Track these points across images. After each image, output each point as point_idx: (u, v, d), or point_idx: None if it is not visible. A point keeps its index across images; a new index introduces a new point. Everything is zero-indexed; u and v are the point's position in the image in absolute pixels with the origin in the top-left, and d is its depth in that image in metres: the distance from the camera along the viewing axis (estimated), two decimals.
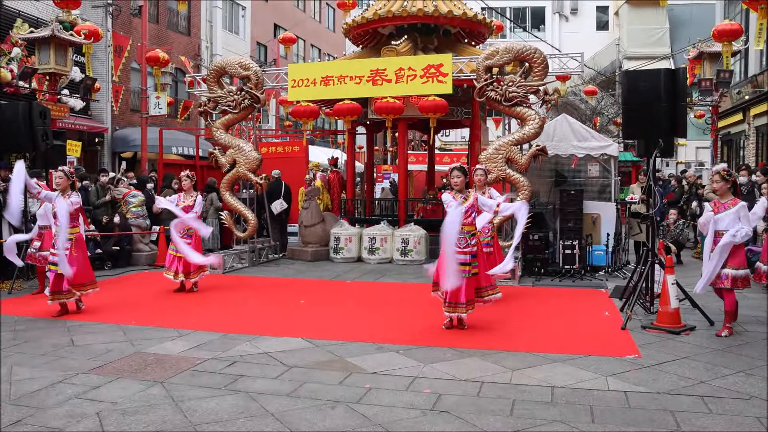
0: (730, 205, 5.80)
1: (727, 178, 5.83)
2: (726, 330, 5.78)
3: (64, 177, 6.82)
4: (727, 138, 19.86)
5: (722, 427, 3.73)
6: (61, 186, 6.80)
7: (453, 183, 6.03)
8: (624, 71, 7.75)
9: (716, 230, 5.80)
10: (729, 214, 5.74)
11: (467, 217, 5.93)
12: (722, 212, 5.80)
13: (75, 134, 15.52)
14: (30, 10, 14.93)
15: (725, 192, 5.86)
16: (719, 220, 5.78)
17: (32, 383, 4.56)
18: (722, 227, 5.76)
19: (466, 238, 5.96)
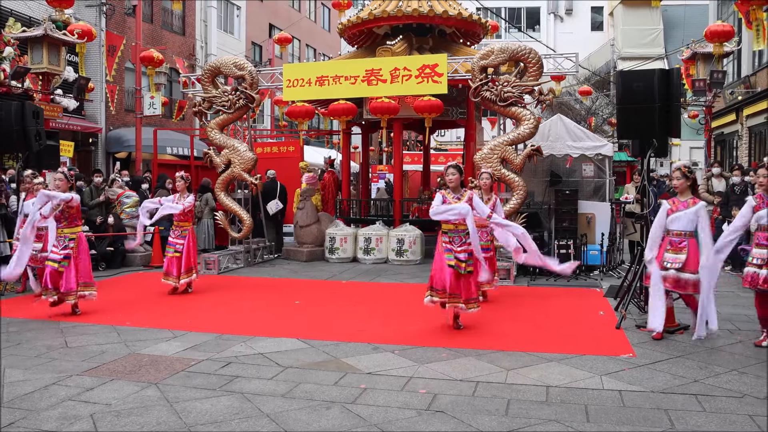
0: (690, 204, 5.66)
1: (687, 176, 5.70)
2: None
3: (64, 179, 6.79)
4: (721, 138, 19.96)
5: (716, 425, 3.74)
6: (61, 188, 6.76)
7: (448, 180, 6.01)
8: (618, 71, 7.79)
9: (669, 229, 5.69)
10: (687, 214, 5.61)
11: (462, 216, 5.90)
12: (679, 211, 5.67)
13: (69, 134, 15.47)
14: (22, 9, 14.87)
15: (685, 189, 5.71)
16: (674, 220, 5.65)
17: (25, 385, 4.54)
18: (676, 227, 5.64)
19: (461, 236, 5.95)
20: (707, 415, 3.90)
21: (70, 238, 6.78)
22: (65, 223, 6.80)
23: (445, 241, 6.02)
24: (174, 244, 8.12)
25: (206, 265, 10.25)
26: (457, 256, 5.89)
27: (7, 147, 9.22)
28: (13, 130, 8.64)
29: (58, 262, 6.69)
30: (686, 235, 5.62)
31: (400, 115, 11.15)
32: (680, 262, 5.58)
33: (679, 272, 5.59)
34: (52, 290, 6.72)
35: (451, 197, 5.93)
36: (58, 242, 6.76)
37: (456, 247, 5.93)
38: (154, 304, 7.53)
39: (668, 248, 5.70)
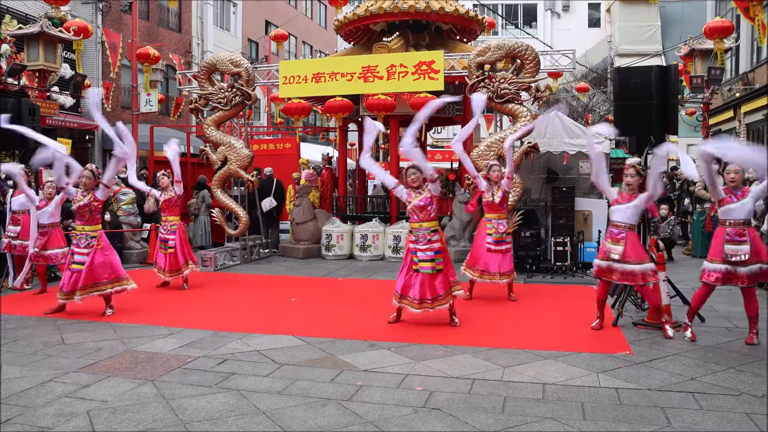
0: (633, 198, 5.73)
1: (641, 173, 5.81)
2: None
3: (92, 177, 6.67)
4: (718, 135, 19.97)
5: (712, 423, 3.75)
6: (87, 186, 6.65)
7: (410, 181, 5.97)
8: (616, 68, 7.78)
9: (611, 220, 5.82)
10: (629, 207, 5.67)
11: (426, 212, 5.92)
12: (621, 204, 5.73)
13: (65, 131, 15.43)
14: (19, 6, 14.80)
15: (636, 186, 5.78)
16: (615, 211, 5.75)
17: (21, 382, 4.53)
18: (616, 218, 5.73)
19: (426, 234, 5.95)
20: (704, 413, 3.90)
21: (92, 236, 6.67)
22: (88, 218, 6.66)
23: (411, 240, 6.06)
24: (166, 240, 8.24)
25: (203, 262, 10.24)
26: (422, 257, 5.93)
27: (3, 144, 9.19)
28: None
29: (82, 264, 6.57)
30: (625, 228, 5.68)
31: (397, 112, 11.14)
32: (618, 253, 5.66)
33: (618, 263, 5.68)
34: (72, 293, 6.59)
35: (415, 194, 5.95)
36: (80, 241, 6.65)
37: (422, 245, 5.94)
38: (150, 301, 7.52)
39: (607, 239, 5.85)
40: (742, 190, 5.40)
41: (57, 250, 7.84)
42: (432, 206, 5.93)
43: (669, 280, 6.21)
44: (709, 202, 10.73)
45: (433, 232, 5.97)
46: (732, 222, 5.35)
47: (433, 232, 5.97)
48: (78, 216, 6.69)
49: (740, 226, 5.31)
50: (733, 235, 5.30)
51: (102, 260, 6.66)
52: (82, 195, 6.65)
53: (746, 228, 5.29)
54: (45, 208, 7.86)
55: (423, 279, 5.95)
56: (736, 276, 5.28)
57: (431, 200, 5.91)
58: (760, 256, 5.27)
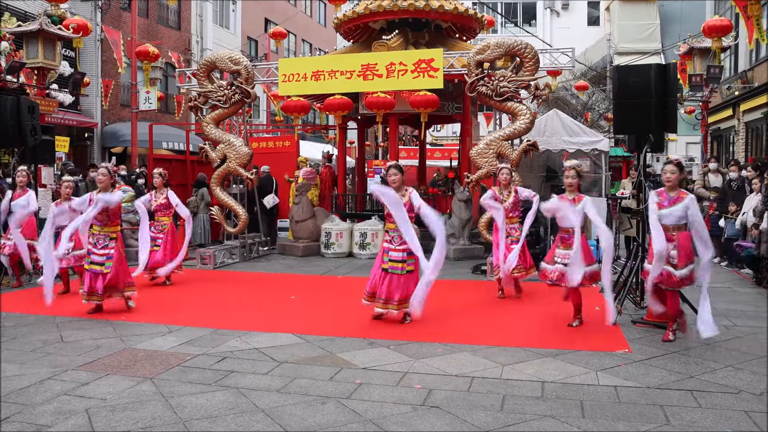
0: (576, 200, 5.87)
1: (582, 174, 5.98)
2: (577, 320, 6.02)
3: (107, 175, 6.60)
4: (717, 133, 19.98)
5: (711, 421, 3.75)
6: (104, 184, 6.59)
7: (390, 181, 6.01)
8: (615, 66, 7.77)
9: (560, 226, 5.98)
10: (575, 211, 5.78)
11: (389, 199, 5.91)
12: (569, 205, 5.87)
13: (64, 129, 15.41)
14: (18, 3, 14.77)
15: (576, 187, 5.96)
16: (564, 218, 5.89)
17: (21, 380, 4.52)
18: (566, 224, 5.87)
19: (401, 237, 5.97)
20: (703, 411, 3.90)
21: (111, 237, 6.62)
22: (107, 221, 6.62)
23: (386, 240, 6.13)
24: (155, 238, 8.31)
25: (202, 260, 10.24)
26: (393, 257, 5.97)
27: (2, 142, 9.17)
28: (9, 125, 8.61)
29: (101, 264, 6.52)
30: (572, 232, 5.82)
31: (396, 110, 11.13)
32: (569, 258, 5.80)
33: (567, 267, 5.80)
34: (97, 294, 6.54)
35: None
36: (97, 242, 6.59)
37: (395, 245, 6.00)
38: (149, 299, 7.50)
39: (559, 244, 6.01)
40: (678, 195, 5.37)
41: (78, 251, 7.68)
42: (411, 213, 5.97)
43: None
44: (708, 200, 10.73)
45: None
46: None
47: None
48: (98, 217, 6.60)
49: (669, 231, 5.34)
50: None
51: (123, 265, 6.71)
52: None
53: (676, 233, 5.33)
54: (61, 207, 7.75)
55: (392, 279, 6.01)
56: (670, 277, 5.32)
57: (410, 207, 5.93)
58: (690, 260, 5.33)
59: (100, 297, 6.59)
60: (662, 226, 5.32)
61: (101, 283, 6.52)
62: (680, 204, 5.29)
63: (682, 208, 5.28)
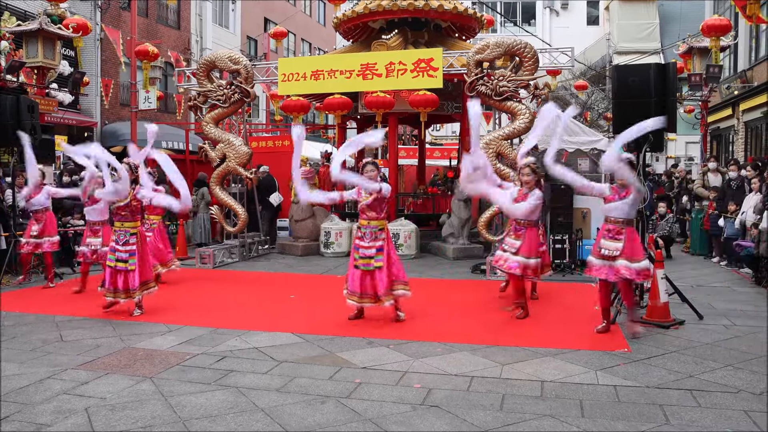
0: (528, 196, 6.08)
1: (536, 171, 6.19)
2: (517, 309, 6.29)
3: (129, 171, 6.57)
4: (717, 133, 19.99)
5: (711, 420, 3.75)
6: None
7: (367, 177, 6.03)
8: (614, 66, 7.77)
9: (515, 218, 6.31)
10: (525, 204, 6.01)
11: (377, 210, 6.05)
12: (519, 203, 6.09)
13: (64, 128, 15.40)
14: (17, 3, 14.76)
15: (533, 185, 6.14)
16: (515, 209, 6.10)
17: (20, 379, 4.53)
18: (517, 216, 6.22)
19: (373, 232, 6.08)
20: (702, 410, 3.91)
21: (131, 233, 6.58)
22: (128, 216, 6.58)
23: (357, 236, 6.20)
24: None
25: (201, 259, 10.24)
26: (363, 254, 6.05)
27: (2, 141, 9.16)
28: (8, 124, 8.61)
29: (125, 261, 6.49)
30: (525, 224, 6.24)
31: (396, 110, 11.13)
32: (515, 248, 6.21)
33: (514, 255, 6.18)
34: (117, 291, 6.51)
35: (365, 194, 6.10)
36: (118, 238, 6.56)
37: (366, 242, 6.08)
38: (149, 298, 7.49)
39: (510, 233, 6.40)
40: (627, 190, 5.53)
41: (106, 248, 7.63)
42: (381, 204, 6.06)
43: (667, 278, 6.22)
44: (708, 200, 10.73)
45: (380, 230, 6.11)
46: (612, 219, 5.63)
47: (380, 230, 6.11)
48: (116, 213, 6.62)
49: (619, 224, 5.54)
50: (613, 233, 5.59)
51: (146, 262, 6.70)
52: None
53: (624, 227, 5.52)
54: (95, 205, 7.70)
55: (364, 275, 6.10)
56: (613, 270, 5.50)
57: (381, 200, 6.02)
58: (633, 255, 5.45)
59: (124, 295, 6.51)
60: (611, 219, 5.60)
61: (123, 280, 6.49)
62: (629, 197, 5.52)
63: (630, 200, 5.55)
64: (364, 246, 6.11)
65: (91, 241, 7.78)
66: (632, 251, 5.47)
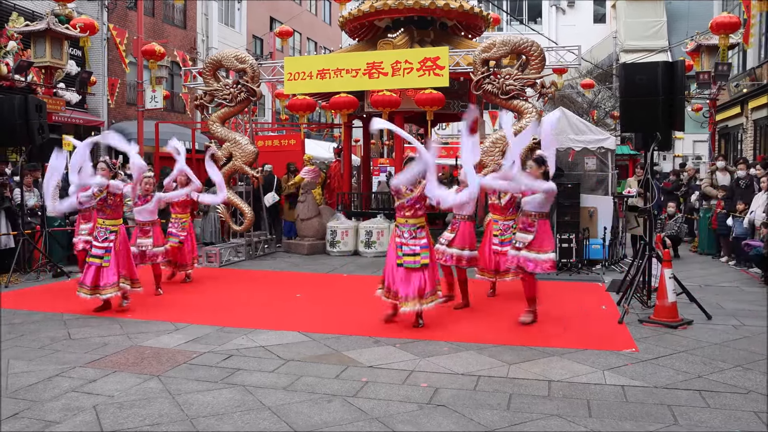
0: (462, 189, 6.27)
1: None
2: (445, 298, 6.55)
3: (106, 168, 6.63)
4: (725, 131, 19.85)
5: (720, 421, 3.73)
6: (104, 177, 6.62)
7: None
8: (622, 64, 7.73)
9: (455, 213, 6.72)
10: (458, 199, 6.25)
11: (417, 208, 5.90)
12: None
13: (71, 128, 15.46)
14: (25, 3, 14.82)
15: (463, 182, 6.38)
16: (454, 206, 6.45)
17: (29, 376, 4.55)
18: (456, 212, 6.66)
19: (413, 230, 5.90)
20: (711, 411, 3.88)
21: (111, 230, 6.62)
22: (108, 212, 6.64)
23: (396, 234, 6.01)
24: (176, 235, 8.35)
25: (207, 257, 10.27)
26: (408, 251, 5.85)
27: (10, 140, 9.22)
28: (17, 123, 8.67)
29: (101, 258, 6.54)
30: (459, 218, 6.69)
31: (402, 108, 11.11)
32: (448, 240, 6.65)
33: (448, 248, 6.59)
34: (89, 287, 6.51)
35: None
36: (98, 234, 6.61)
37: (408, 239, 5.89)
38: (156, 297, 7.53)
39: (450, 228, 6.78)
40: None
41: (158, 249, 7.72)
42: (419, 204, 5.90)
43: (675, 278, 6.18)
44: (716, 199, 10.67)
45: (419, 229, 5.94)
46: (524, 212, 5.99)
47: (419, 228, 5.94)
48: (99, 210, 6.69)
49: (531, 217, 5.90)
50: (525, 225, 5.93)
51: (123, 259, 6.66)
52: (99, 190, 6.61)
53: (536, 220, 5.89)
54: (145, 205, 7.66)
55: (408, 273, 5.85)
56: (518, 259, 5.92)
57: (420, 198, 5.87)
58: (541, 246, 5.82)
59: (96, 291, 6.53)
60: (524, 212, 5.98)
61: (97, 276, 6.51)
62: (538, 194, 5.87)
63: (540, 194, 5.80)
64: (407, 243, 5.87)
65: (141, 242, 7.65)
66: (541, 243, 5.81)
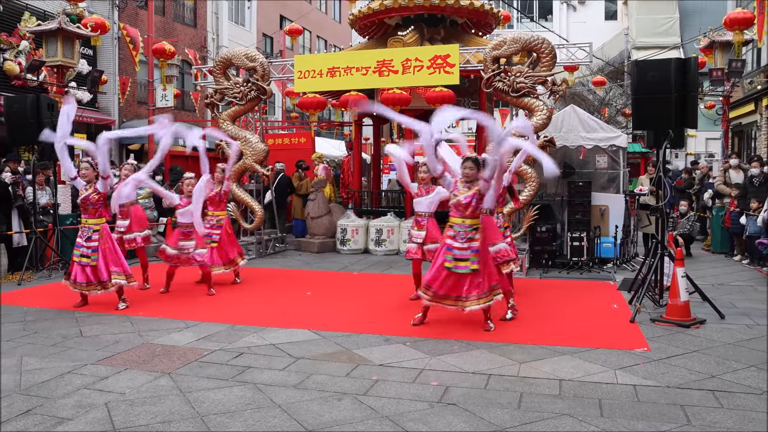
0: (431, 190, 6.78)
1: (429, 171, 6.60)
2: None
3: (90, 168, 6.70)
4: (739, 129, 19.64)
5: (734, 422, 3.69)
6: (87, 177, 6.70)
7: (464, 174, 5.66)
8: (634, 61, 7.64)
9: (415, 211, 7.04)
10: (427, 198, 6.79)
11: (474, 208, 5.61)
12: (421, 197, 6.84)
13: (83, 127, 15.56)
14: (37, 3, 14.94)
15: (429, 181, 6.77)
16: (417, 203, 6.93)
17: (42, 373, 4.59)
18: (420, 209, 6.91)
19: (467, 231, 5.62)
20: (725, 411, 3.84)
21: (94, 230, 6.67)
22: (91, 213, 6.70)
23: (449, 236, 5.71)
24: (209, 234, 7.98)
25: None
26: (458, 255, 5.59)
27: (22, 139, 9.30)
28: (29, 122, 8.74)
29: (88, 257, 6.61)
30: (425, 216, 6.91)
31: (412, 106, 11.08)
32: (422, 237, 6.86)
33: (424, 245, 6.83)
34: (89, 283, 6.62)
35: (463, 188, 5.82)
36: (82, 234, 6.69)
37: (460, 242, 5.60)
38: (166, 295, 7.57)
39: (413, 227, 7.03)
40: (428, 189, 6.78)
41: (201, 250, 7.64)
42: (474, 200, 5.59)
43: (688, 276, 6.13)
44: (729, 197, 10.56)
45: (473, 230, 5.63)
46: (418, 213, 6.91)
47: (474, 230, 5.63)
48: (82, 209, 6.75)
49: (421, 217, 6.89)
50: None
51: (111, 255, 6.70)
52: (85, 188, 6.67)
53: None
54: (188, 206, 7.48)
55: (457, 277, 5.62)
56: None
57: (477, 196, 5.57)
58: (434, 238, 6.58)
59: (83, 287, 6.65)
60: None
61: (85, 274, 6.61)
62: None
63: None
64: (458, 247, 5.59)
65: (183, 245, 7.53)
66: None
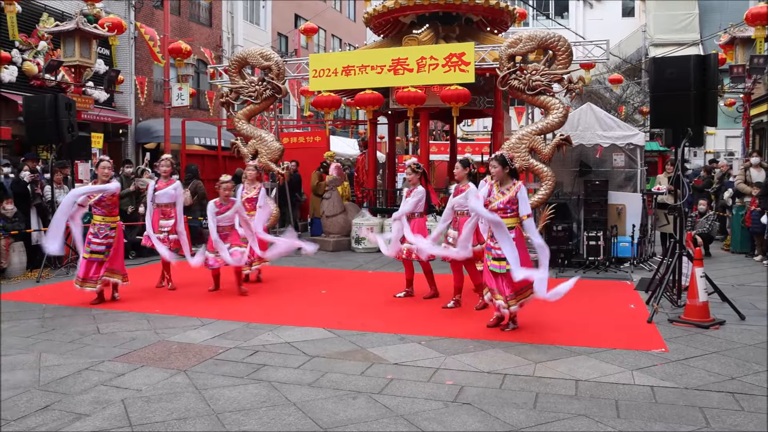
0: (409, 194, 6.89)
1: (417, 171, 6.83)
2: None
3: (109, 167, 6.98)
4: (760, 126, 19.31)
5: (755, 425, 3.62)
6: (106, 175, 6.95)
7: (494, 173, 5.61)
8: (652, 58, 7.53)
9: None
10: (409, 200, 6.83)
11: (505, 212, 5.53)
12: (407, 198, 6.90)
13: (99, 126, 15.73)
14: (55, 3, 15.12)
15: (416, 182, 6.88)
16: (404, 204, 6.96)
17: (60, 370, 4.64)
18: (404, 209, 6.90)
19: None
20: (745, 414, 3.77)
21: (111, 227, 6.93)
22: (107, 211, 6.94)
23: (490, 236, 5.65)
24: None
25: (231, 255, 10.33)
26: (496, 254, 5.51)
27: (41, 138, 9.42)
28: (47, 121, 8.85)
29: (102, 253, 6.85)
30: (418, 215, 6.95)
31: (427, 105, 11.05)
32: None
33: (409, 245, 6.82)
34: (92, 281, 6.84)
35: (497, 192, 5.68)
36: (99, 231, 6.87)
37: (496, 243, 5.51)
38: (182, 292, 7.63)
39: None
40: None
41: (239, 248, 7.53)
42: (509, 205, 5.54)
43: (707, 276, 6.04)
44: (750, 196, 10.40)
45: (509, 230, 5.52)
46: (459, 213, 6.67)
47: (509, 229, 5.52)
48: (99, 207, 6.92)
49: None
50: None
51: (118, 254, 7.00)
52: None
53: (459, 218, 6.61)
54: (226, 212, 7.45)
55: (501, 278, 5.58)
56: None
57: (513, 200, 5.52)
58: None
59: (95, 283, 6.84)
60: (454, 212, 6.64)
61: (98, 270, 6.83)
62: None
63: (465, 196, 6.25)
64: (495, 247, 5.53)
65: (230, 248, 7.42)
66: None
